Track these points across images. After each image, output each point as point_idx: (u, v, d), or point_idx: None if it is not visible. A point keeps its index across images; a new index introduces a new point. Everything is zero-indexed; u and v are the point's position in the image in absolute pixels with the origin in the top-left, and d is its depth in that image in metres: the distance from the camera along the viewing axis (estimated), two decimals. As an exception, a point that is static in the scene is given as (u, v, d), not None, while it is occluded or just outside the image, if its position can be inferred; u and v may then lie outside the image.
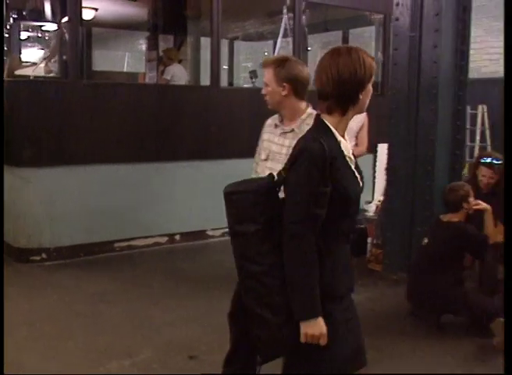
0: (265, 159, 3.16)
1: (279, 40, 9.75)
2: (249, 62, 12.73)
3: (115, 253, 6.53)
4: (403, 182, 5.59)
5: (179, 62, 8.28)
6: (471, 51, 13.40)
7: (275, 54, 9.53)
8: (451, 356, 4.05)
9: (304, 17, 10.14)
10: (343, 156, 2.18)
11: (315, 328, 2.10)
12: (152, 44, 8.40)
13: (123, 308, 4.83)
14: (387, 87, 7.16)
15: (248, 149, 5.30)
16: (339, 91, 2.15)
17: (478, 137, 9.91)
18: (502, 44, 9.69)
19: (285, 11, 9.27)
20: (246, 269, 2.20)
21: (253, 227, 2.15)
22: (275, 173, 3.01)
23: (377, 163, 7.09)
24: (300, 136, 2.93)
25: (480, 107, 10.10)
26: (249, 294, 2.22)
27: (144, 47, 9.44)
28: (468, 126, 10.20)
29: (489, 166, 4.96)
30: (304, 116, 3.06)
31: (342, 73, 2.13)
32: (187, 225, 7.02)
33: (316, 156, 2.08)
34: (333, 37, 10.98)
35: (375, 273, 5.87)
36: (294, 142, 2.95)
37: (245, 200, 2.19)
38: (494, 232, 4.62)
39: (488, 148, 9.64)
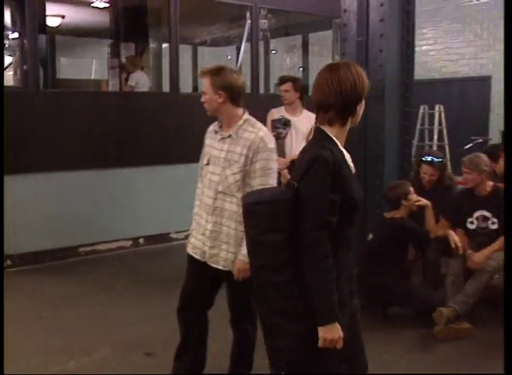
0: (207, 164, 3.34)
1: (243, 44, 9.97)
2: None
3: (79, 258, 6.68)
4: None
5: (142, 69, 8.44)
6: (432, 52, 13.83)
7: (240, 58, 9.77)
8: (396, 345, 4.28)
9: (265, 22, 10.40)
10: (347, 165, 2.33)
11: (334, 332, 2.22)
12: (114, 52, 8.53)
13: (84, 310, 4.98)
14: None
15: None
16: (340, 103, 2.30)
17: (435, 136, 10.23)
18: (460, 44, 9.98)
19: (248, 16, 9.50)
20: (265, 279, 2.28)
21: (279, 237, 2.21)
22: (215, 177, 3.23)
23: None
24: (240, 141, 3.15)
25: (437, 107, 10.41)
26: (264, 303, 2.32)
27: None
28: (427, 125, 10.57)
29: (430, 163, 5.19)
30: (240, 122, 3.25)
31: (343, 86, 2.30)
32: (151, 228, 7.19)
33: (328, 163, 2.20)
34: (297, 41, 11.22)
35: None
36: (232, 147, 3.18)
37: (271, 209, 2.24)
38: (435, 227, 4.86)
39: (446, 148, 9.95)
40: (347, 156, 2.36)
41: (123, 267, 6.39)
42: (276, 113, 5.63)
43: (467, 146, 8.18)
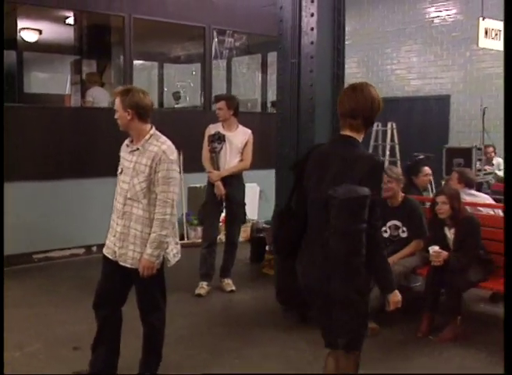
0: (120, 173, 3.74)
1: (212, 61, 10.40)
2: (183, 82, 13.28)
3: (33, 264, 7.04)
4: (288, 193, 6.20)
5: (102, 85, 8.82)
6: (397, 72, 14.24)
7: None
8: (305, 343, 4.65)
9: (231, 41, 10.88)
10: None
11: (399, 296, 2.98)
12: (76, 68, 8.93)
13: (25, 311, 5.34)
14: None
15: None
16: (368, 115, 2.91)
17: (387, 152, 10.67)
18: (422, 64, 10.45)
19: (215, 34, 9.96)
20: (352, 263, 2.76)
21: (363, 226, 2.72)
22: (125, 185, 3.62)
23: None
24: (146, 154, 3.53)
25: (389, 124, 10.86)
26: (349, 283, 2.83)
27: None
28: (380, 142, 11.02)
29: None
30: (147, 137, 3.66)
31: (371, 102, 2.90)
32: (103, 237, 7.48)
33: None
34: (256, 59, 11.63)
35: (268, 276, 6.45)
36: (139, 159, 3.57)
37: (360, 204, 2.71)
38: None
39: (398, 163, 10.37)
40: None
41: (72, 273, 6.72)
42: (213, 129, 6.02)
43: (409, 162, 8.63)
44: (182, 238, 8.17)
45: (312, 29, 5.93)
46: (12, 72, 9.59)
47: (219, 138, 5.90)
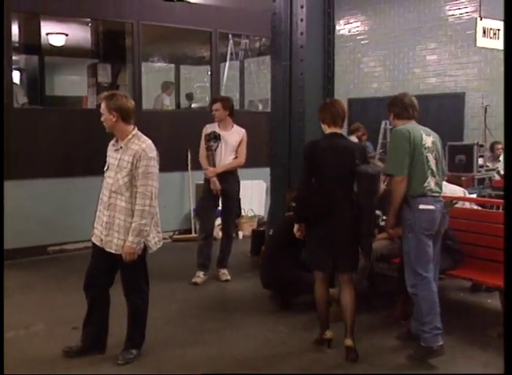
0: (106, 170, 4.21)
1: (227, 63, 10.86)
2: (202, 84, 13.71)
3: (48, 256, 7.56)
4: (281, 189, 6.56)
5: (117, 88, 9.31)
6: (414, 69, 14.35)
7: (225, 75, 10.66)
8: (283, 326, 5.03)
9: (246, 42, 11.27)
10: None
11: None
12: (92, 71, 9.42)
13: (34, 296, 5.87)
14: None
15: (169, 163, 6.66)
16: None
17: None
18: (437, 63, 10.65)
19: (230, 36, 10.38)
20: (375, 213, 4.46)
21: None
22: (110, 179, 4.05)
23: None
24: (128, 152, 4.00)
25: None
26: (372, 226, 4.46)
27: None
28: (388, 140, 11.28)
29: None
30: (129, 136, 4.12)
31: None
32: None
33: None
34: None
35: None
36: (122, 156, 4.02)
37: (379, 175, 4.38)
38: None
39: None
40: None
41: (84, 264, 7.14)
42: (210, 128, 6.43)
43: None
44: (190, 232, 8.63)
45: (302, 33, 6.31)
46: (34, 76, 10.18)
47: (215, 137, 6.31)
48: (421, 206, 4.31)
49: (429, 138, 4.43)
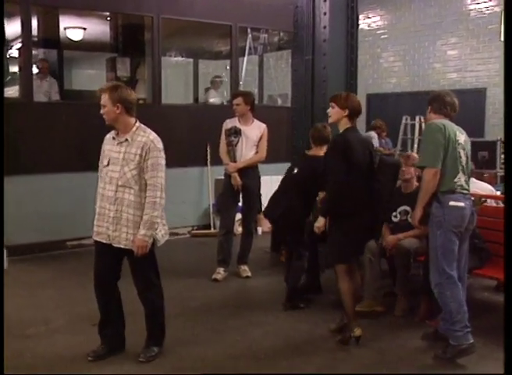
0: (107, 165, 4.10)
1: (246, 57, 10.78)
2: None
3: (66, 250, 7.54)
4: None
5: (135, 82, 9.28)
6: (434, 64, 14.16)
7: (243, 69, 10.59)
8: (305, 324, 4.95)
9: (265, 37, 11.18)
10: None
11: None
12: (111, 66, 9.38)
13: (54, 291, 5.82)
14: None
15: (188, 158, 7.29)
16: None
17: (415, 146, 10.80)
18: (458, 57, 10.48)
19: (249, 30, 10.29)
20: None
21: None
22: (115, 174, 3.96)
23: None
24: (135, 144, 3.92)
25: (417, 117, 10.98)
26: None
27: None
28: (409, 135, 11.17)
29: None
30: (134, 129, 4.04)
31: None
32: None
33: None
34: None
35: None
36: (128, 148, 3.94)
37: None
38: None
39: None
40: None
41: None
42: (230, 123, 6.35)
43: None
44: (209, 228, 8.57)
45: (325, 27, 6.24)
46: (53, 70, 10.14)
47: (236, 132, 6.23)
48: (452, 203, 4.22)
49: (462, 136, 4.37)
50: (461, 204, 4.24)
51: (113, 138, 4.12)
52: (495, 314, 5.33)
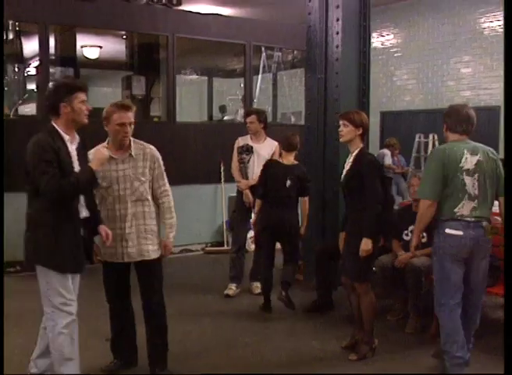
0: (109, 186, 4.03)
1: (260, 75, 10.88)
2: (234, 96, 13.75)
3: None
4: (316, 202, 6.50)
5: (150, 100, 9.39)
6: (448, 82, 14.13)
7: (257, 88, 10.68)
8: (317, 341, 4.96)
9: (279, 55, 11.28)
10: None
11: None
12: (127, 84, 9.52)
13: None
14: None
15: (202, 176, 7.72)
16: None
17: (429, 163, 10.78)
18: (472, 75, 10.40)
19: (263, 49, 10.40)
20: None
21: None
22: (127, 191, 3.98)
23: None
24: (139, 157, 4.03)
25: (431, 136, 10.99)
26: None
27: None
28: (422, 153, 11.18)
29: None
30: (132, 144, 4.06)
31: None
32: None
33: None
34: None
35: (298, 281, 6.77)
36: (134, 163, 4.00)
37: None
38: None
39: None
40: None
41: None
42: (242, 141, 6.44)
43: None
44: (222, 244, 8.61)
45: (337, 46, 6.28)
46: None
47: (248, 150, 6.31)
48: (448, 230, 4.12)
49: (474, 158, 4.13)
50: (459, 232, 4.09)
51: (112, 158, 3.98)
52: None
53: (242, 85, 12.58)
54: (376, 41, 15.08)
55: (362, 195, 4.49)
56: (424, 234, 5.46)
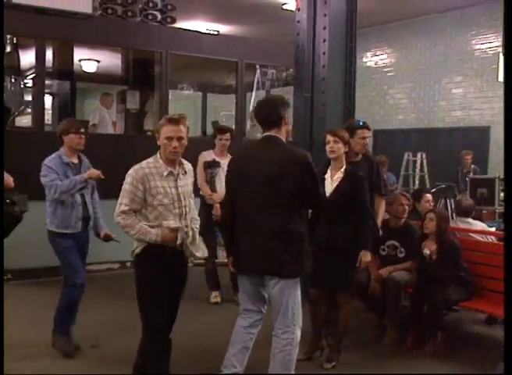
0: (172, 203, 3.94)
1: (254, 92, 11.09)
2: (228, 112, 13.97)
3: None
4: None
5: (144, 114, 9.60)
6: (440, 102, 14.33)
7: (251, 104, 10.88)
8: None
9: (273, 72, 11.49)
10: None
11: None
12: (121, 98, 9.73)
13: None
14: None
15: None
16: None
17: (417, 182, 10.98)
18: (462, 96, 10.54)
19: (257, 66, 10.62)
20: None
21: None
22: (186, 208, 3.96)
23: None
24: (187, 174, 4.04)
25: (419, 154, 11.19)
26: None
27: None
28: (410, 171, 11.37)
29: None
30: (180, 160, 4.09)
31: None
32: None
33: None
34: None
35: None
36: (185, 181, 3.98)
37: None
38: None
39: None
40: None
41: (107, 285, 7.39)
42: (207, 156, 6.63)
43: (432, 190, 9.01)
44: (212, 257, 8.76)
45: (324, 66, 6.48)
46: (65, 100, 10.50)
47: (215, 164, 6.50)
48: None
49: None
50: None
51: (170, 173, 3.86)
52: (485, 347, 5.47)
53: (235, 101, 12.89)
54: (370, 60, 15.36)
55: (355, 211, 4.64)
56: (402, 250, 5.66)
